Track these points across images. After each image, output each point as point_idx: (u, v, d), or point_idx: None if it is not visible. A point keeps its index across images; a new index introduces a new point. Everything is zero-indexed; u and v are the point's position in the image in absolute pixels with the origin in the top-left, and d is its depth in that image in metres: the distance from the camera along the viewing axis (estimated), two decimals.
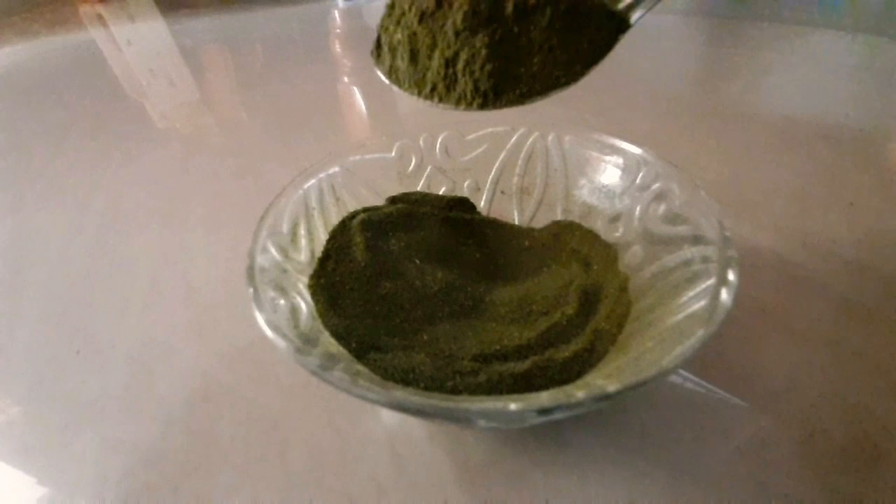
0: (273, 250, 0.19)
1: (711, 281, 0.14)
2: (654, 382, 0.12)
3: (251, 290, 0.16)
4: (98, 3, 1.09)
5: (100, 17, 1.00)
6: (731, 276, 0.14)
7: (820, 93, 0.45)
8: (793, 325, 0.21)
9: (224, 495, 0.17)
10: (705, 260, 0.16)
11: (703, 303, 0.14)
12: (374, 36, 0.18)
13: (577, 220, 0.24)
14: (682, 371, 0.19)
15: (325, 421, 0.19)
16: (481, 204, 0.27)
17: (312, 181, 0.23)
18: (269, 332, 0.14)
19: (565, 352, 0.17)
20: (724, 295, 0.14)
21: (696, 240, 0.17)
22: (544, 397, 0.12)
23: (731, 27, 0.65)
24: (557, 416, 0.13)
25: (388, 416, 0.19)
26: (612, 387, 0.12)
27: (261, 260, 0.18)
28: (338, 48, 0.73)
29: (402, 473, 0.17)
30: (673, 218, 0.19)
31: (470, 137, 0.26)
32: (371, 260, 0.21)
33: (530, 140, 0.25)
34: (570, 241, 0.23)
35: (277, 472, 0.18)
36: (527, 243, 0.25)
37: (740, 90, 0.48)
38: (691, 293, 0.15)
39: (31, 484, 0.18)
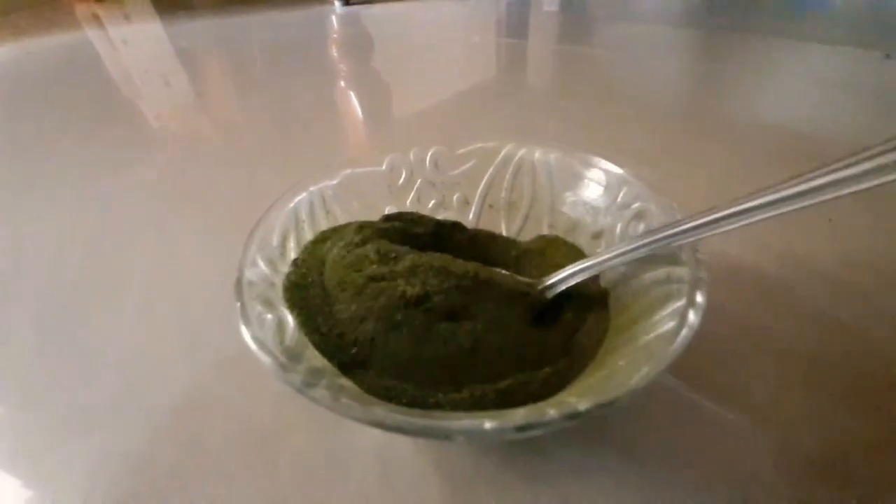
0: (262, 264, 0.19)
1: (682, 302, 0.15)
2: (623, 402, 0.13)
3: (238, 304, 0.16)
4: (94, 2, 1.09)
5: (96, 17, 1.00)
6: (699, 297, 0.15)
7: (801, 106, 0.46)
8: (772, 340, 0.22)
9: None
10: (679, 280, 0.16)
11: (673, 323, 0.14)
12: (372, 38, 0.18)
13: (561, 236, 0.24)
14: (663, 383, 0.20)
15: (313, 432, 0.19)
16: (470, 217, 0.27)
17: (303, 195, 0.23)
18: (254, 348, 0.14)
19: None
20: (692, 316, 0.14)
21: (672, 260, 0.17)
22: (518, 415, 0.13)
23: (717, 40, 0.66)
24: (535, 432, 0.13)
25: (376, 429, 0.19)
26: (583, 405, 0.13)
27: (249, 274, 0.18)
28: (335, 53, 0.73)
29: (389, 485, 0.18)
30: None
31: (460, 152, 0.27)
32: None
33: (518, 155, 0.26)
34: (555, 256, 0.24)
35: (265, 482, 0.18)
36: (513, 254, 0.25)
37: (724, 103, 0.48)
38: (664, 312, 0.16)
39: (19, 490, 0.18)
